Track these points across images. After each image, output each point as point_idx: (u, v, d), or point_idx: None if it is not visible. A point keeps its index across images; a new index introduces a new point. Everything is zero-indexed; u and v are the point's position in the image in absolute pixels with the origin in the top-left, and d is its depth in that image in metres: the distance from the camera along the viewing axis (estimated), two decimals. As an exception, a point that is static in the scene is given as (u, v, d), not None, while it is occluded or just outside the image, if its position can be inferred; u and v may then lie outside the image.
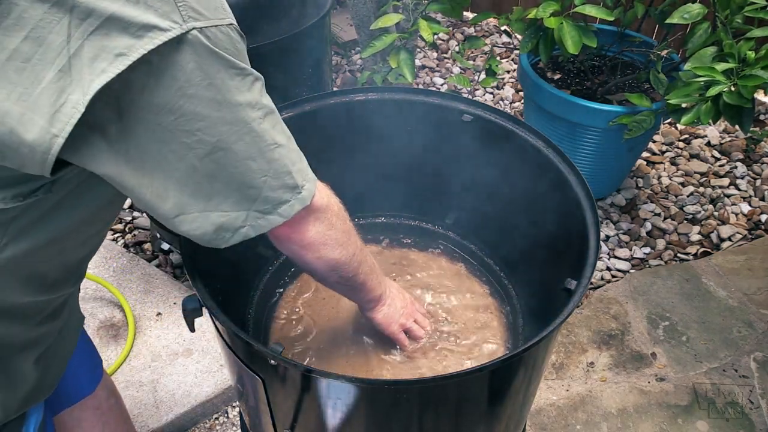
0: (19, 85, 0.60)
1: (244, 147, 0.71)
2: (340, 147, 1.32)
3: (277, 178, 0.76)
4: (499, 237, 1.35)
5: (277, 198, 0.77)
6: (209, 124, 0.67)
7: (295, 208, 0.80)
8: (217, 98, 0.67)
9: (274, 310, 1.31)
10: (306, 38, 1.68)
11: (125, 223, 2.33)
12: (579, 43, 1.88)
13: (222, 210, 0.75)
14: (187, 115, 0.65)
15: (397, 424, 0.99)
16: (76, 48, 0.59)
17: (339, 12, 3.30)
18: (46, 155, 0.61)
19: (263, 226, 0.78)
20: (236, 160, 0.71)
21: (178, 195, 0.71)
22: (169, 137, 0.66)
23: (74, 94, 0.60)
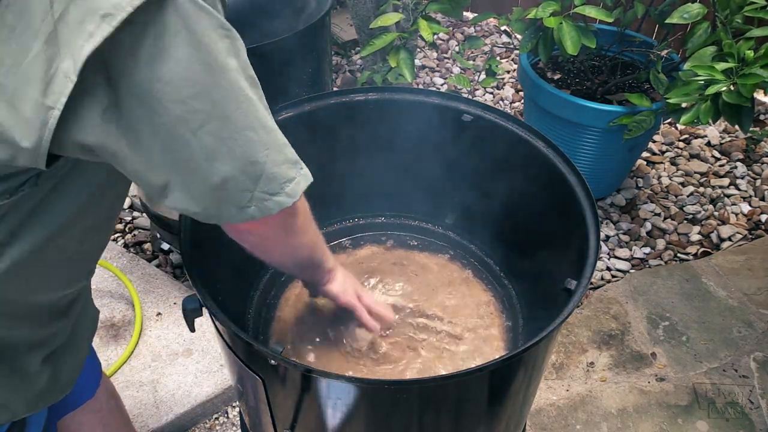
0: (7, 56, 0.57)
1: (241, 116, 0.66)
2: (340, 147, 1.32)
3: (279, 152, 0.71)
4: (499, 237, 1.35)
5: (282, 175, 0.72)
6: (201, 90, 0.62)
7: (301, 185, 0.74)
8: (208, 61, 0.62)
9: (274, 310, 1.31)
10: (306, 38, 1.68)
11: (125, 223, 2.34)
12: (578, 43, 1.88)
13: (224, 189, 0.69)
14: (176, 81, 0.61)
15: (397, 424, 0.99)
16: (60, 11, 0.56)
17: (339, 12, 3.30)
18: (43, 130, 0.59)
19: (269, 208, 0.73)
20: (235, 131, 0.66)
21: (173, 172, 0.67)
22: (161, 109, 0.62)
23: (64, 62, 0.57)
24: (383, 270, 1.37)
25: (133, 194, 2.38)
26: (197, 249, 1.01)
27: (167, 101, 0.61)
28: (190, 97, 0.62)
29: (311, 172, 0.81)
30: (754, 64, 1.68)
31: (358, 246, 1.44)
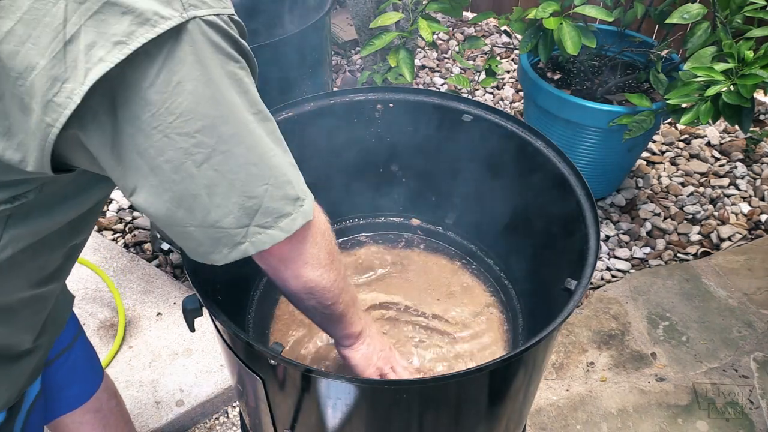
0: (13, 70, 0.57)
1: (244, 151, 0.66)
2: (340, 147, 1.32)
3: (279, 188, 0.70)
4: (499, 237, 1.35)
5: (278, 210, 0.71)
6: (208, 124, 0.63)
7: (298, 222, 0.73)
8: (216, 96, 0.62)
9: (274, 310, 1.31)
10: (306, 38, 1.68)
11: (125, 223, 2.34)
12: (578, 43, 1.88)
13: (220, 226, 0.69)
14: (185, 114, 0.61)
15: (397, 424, 0.99)
16: (72, 33, 0.56)
17: (339, 12, 3.30)
18: (44, 144, 0.59)
19: (264, 242, 0.72)
20: (237, 166, 0.66)
21: (174, 208, 0.67)
22: (166, 143, 0.62)
23: (69, 83, 0.57)
24: (383, 270, 1.37)
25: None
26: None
27: (176, 134, 0.62)
28: (198, 131, 0.62)
29: (311, 173, 0.81)
30: (754, 64, 1.68)
31: (358, 246, 1.44)
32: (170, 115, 0.61)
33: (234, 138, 0.65)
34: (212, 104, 0.62)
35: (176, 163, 0.63)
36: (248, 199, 0.68)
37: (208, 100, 0.62)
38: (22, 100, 0.58)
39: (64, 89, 0.57)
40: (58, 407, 1.13)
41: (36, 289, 0.83)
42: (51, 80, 0.57)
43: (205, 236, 0.70)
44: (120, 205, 2.40)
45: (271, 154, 0.69)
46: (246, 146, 0.66)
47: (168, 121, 0.61)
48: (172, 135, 0.61)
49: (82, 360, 1.16)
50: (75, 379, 1.15)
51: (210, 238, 0.70)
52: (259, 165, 0.68)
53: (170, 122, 0.61)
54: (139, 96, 0.59)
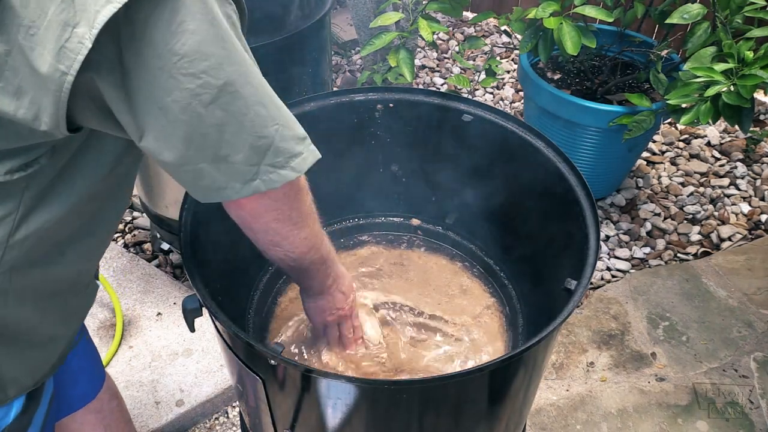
0: (26, 17, 0.57)
1: (252, 91, 0.67)
2: (340, 147, 1.32)
3: (289, 128, 0.72)
4: (499, 237, 1.35)
5: (289, 150, 0.72)
6: (214, 63, 0.63)
7: (308, 161, 0.75)
8: (220, 34, 0.63)
9: (274, 310, 1.31)
10: (306, 38, 1.68)
11: (125, 223, 2.34)
12: (578, 43, 1.88)
13: (231, 161, 0.70)
14: (190, 54, 0.61)
15: (397, 424, 0.99)
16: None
17: (339, 12, 3.30)
18: (59, 94, 0.59)
19: (275, 181, 0.73)
20: (245, 106, 0.67)
21: (183, 147, 0.67)
22: (172, 84, 0.62)
23: (79, 27, 0.57)
24: (383, 270, 1.37)
25: (133, 194, 2.38)
26: (197, 249, 1.01)
27: (181, 75, 0.62)
28: (204, 71, 0.62)
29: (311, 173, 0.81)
30: (754, 64, 1.68)
31: (358, 246, 1.44)
32: (174, 56, 0.61)
33: (241, 78, 0.66)
34: (217, 44, 0.63)
35: (183, 103, 0.63)
36: (258, 139, 0.69)
37: (213, 40, 0.62)
38: (33, 51, 0.58)
39: (75, 34, 0.57)
40: (63, 408, 1.13)
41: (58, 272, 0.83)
42: (62, 25, 0.57)
43: (217, 171, 0.71)
44: (120, 205, 2.40)
45: (274, 94, 0.71)
46: (253, 86, 0.67)
47: (172, 61, 0.61)
48: (177, 75, 0.62)
49: (85, 360, 1.15)
50: (79, 380, 1.15)
51: (222, 172, 0.71)
52: (268, 106, 0.69)
53: (174, 62, 0.61)
54: (145, 37, 0.60)
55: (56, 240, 0.78)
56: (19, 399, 0.88)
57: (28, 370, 0.87)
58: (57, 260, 0.81)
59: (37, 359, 0.88)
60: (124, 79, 0.62)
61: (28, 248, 0.74)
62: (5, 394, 0.84)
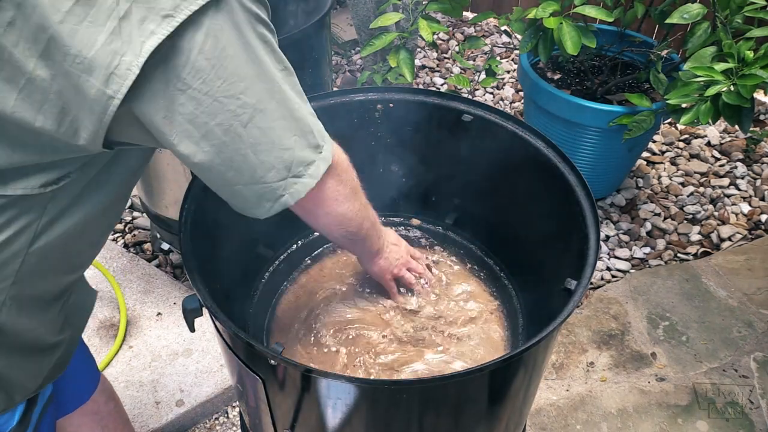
0: (73, 47, 0.61)
1: (276, 106, 0.71)
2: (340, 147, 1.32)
3: (304, 137, 0.76)
4: (499, 237, 1.35)
5: (306, 158, 0.77)
6: (249, 85, 0.68)
7: (321, 168, 0.79)
8: (252, 57, 0.68)
9: (274, 310, 1.31)
10: (306, 38, 1.68)
11: (125, 223, 2.34)
12: (578, 43, 1.88)
13: (265, 181, 0.75)
14: (231, 78, 0.66)
15: (397, 424, 0.99)
16: (125, 10, 0.61)
17: (339, 12, 3.30)
18: (103, 115, 0.63)
19: (299, 191, 0.78)
20: (272, 121, 0.71)
21: (225, 170, 0.72)
22: (217, 108, 0.67)
23: (127, 56, 0.61)
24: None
25: (134, 194, 2.38)
26: (197, 249, 1.01)
27: (224, 97, 0.67)
28: (242, 92, 0.67)
29: None
30: (754, 64, 1.68)
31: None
32: (218, 80, 0.66)
33: (267, 95, 0.70)
34: (250, 65, 0.68)
35: (226, 125, 0.68)
36: (284, 152, 0.74)
37: (247, 62, 0.67)
38: (80, 78, 0.62)
39: (123, 62, 0.62)
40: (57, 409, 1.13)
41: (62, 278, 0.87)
42: (111, 54, 0.61)
43: (252, 193, 0.76)
44: (120, 205, 2.40)
45: (296, 106, 0.75)
46: (277, 101, 0.72)
47: (217, 85, 0.66)
48: (221, 98, 0.67)
49: (78, 362, 1.15)
50: (72, 380, 1.14)
51: (255, 194, 0.76)
52: (288, 118, 0.73)
53: (218, 86, 0.66)
54: (189, 64, 0.64)
55: (69, 248, 0.81)
56: (22, 403, 0.89)
57: (32, 376, 0.88)
58: (65, 267, 0.85)
59: (41, 365, 0.89)
60: (169, 104, 0.66)
61: (44, 256, 0.77)
62: (12, 400, 0.87)
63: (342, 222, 0.92)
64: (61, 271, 0.85)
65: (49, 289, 0.85)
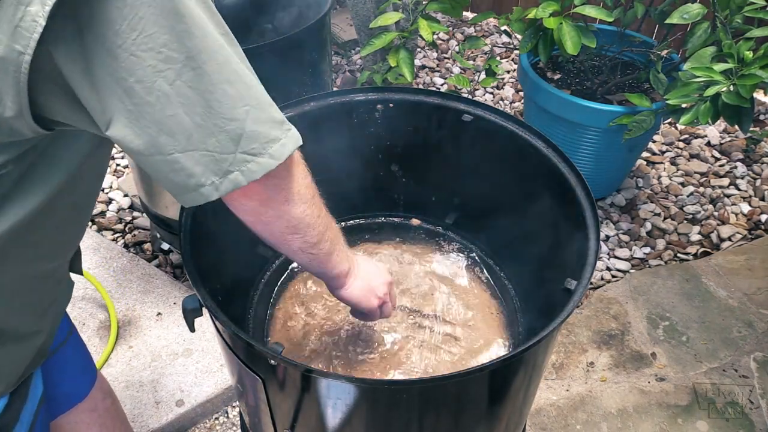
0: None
1: (216, 68, 0.63)
2: (340, 147, 1.32)
3: (262, 110, 0.67)
4: (499, 237, 1.35)
5: (264, 134, 0.67)
6: (174, 38, 0.60)
7: (288, 147, 0.69)
8: (178, 8, 0.60)
9: (274, 310, 1.31)
10: (306, 38, 1.68)
11: (125, 223, 2.34)
12: (578, 43, 1.88)
13: (205, 149, 0.65)
14: (148, 29, 0.58)
15: (396, 424, 0.99)
16: None
17: (339, 12, 3.30)
18: (18, 76, 0.58)
19: (254, 171, 0.67)
20: (211, 84, 0.63)
21: (155, 134, 0.64)
22: (134, 62, 0.59)
23: (32, 6, 0.56)
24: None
25: (134, 194, 2.38)
26: (197, 249, 1.01)
27: (141, 51, 0.59)
28: (164, 45, 0.60)
29: (312, 172, 0.80)
30: (754, 64, 1.68)
31: (358, 246, 1.44)
32: (133, 31, 0.59)
33: (203, 54, 0.62)
34: (175, 17, 0.60)
35: (148, 83, 0.61)
36: (229, 122, 0.65)
37: (170, 13, 0.60)
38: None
39: (28, 13, 0.56)
40: (53, 406, 1.12)
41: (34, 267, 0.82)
42: (15, 5, 0.56)
43: (192, 161, 0.66)
44: (120, 205, 2.40)
45: (247, 74, 0.66)
46: (217, 63, 0.63)
47: (132, 37, 0.59)
48: (137, 53, 0.59)
49: (74, 358, 1.15)
50: (68, 376, 1.14)
51: (197, 163, 0.66)
52: (235, 84, 0.65)
53: (134, 39, 0.59)
54: (100, 13, 0.58)
55: (27, 239, 0.77)
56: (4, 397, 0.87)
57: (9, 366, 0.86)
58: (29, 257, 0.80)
59: (17, 354, 0.87)
60: (86, 61, 0.60)
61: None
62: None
63: (299, 228, 0.80)
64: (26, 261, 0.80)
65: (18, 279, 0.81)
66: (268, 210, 0.76)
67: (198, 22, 0.62)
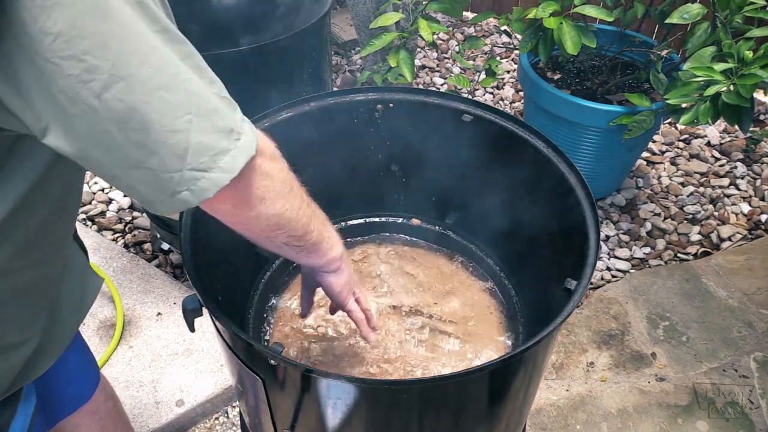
0: None
1: (150, 73, 0.56)
2: (340, 147, 1.32)
3: (205, 117, 0.59)
4: (499, 237, 1.35)
5: (212, 145, 0.60)
6: (98, 42, 0.53)
7: (239, 160, 0.62)
8: (101, 6, 0.53)
9: (275, 311, 1.31)
10: (306, 38, 1.68)
11: (125, 223, 2.34)
12: (578, 43, 1.88)
13: (148, 168, 0.58)
14: (66, 32, 0.51)
15: (396, 424, 0.99)
16: None
17: (339, 12, 3.30)
18: None
19: (206, 188, 0.61)
20: (145, 93, 0.56)
21: (89, 148, 0.57)
22: (53, 70, 0.53)
23: None
24: (383, 270, 1.37)
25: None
26: (197, 249, 1.01)
27: (59, 58, 0.52)
28: (86, 52, 0.53)
29: (311, 173, 0.79)
30: (754, 64, 1.68)
31: (357, 246, 1.44)
32: (46, 36, 0.52)
33: (134, 58, 0.55)
34: (97, 17, 0.53)
35: (70, 93, 0.54)
36: (171, 134, 0.57)
37: (90, 14, 0.52)
38: None
39: None
40: (56, 411, 1.12)
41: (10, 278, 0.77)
42: None
43: (135, 180, 0.60)
44: (120, 205, 2.40)
45: (188, 78, 0.59)
46: (151, 67, 0.56)
47: (46, 43, 0.52)
48: (55, 60, 0.53)
49: (77, 363, 1.13)
50: (74, 378, 1.13)
51: (141, 182, 0.60)
52: (172, 89, 0.57)
53: (49, 44, 0.52)
54: (13, 17, 0.51)
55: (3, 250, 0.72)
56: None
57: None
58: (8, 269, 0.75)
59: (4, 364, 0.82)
60: (8, 67, 0.54)
61: None
62: None
63: (281, 225, 0.76)
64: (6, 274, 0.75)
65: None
66: (244, 212, 0.71)
67: (125, 21, 0.54)
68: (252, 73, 1.58)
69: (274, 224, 0.75)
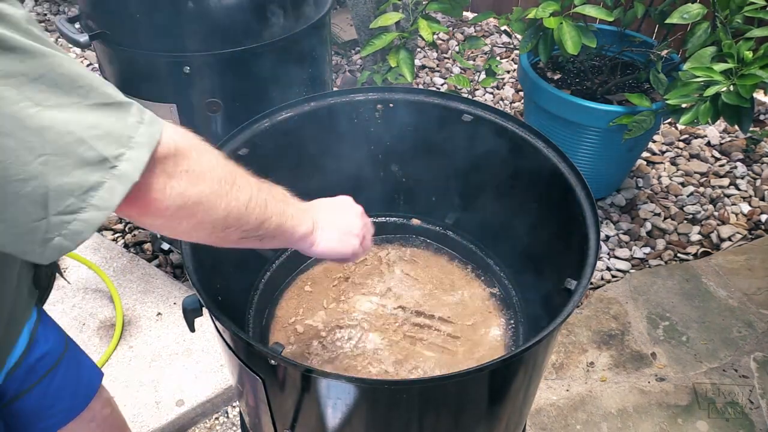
0: None
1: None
2: (340, 147, 1.32)
3: (65, 155, 0.52)
4: (499, 237, 1.35)
5: (78, 185, 0.53)
6: None
7: (118, 191, 0.55)
8: None
9: (274, 310, 1.31)
10: (306, 38, 1.68)
11: (125, 223, 2.34)
12: (578, 43, 1.88)
13: (5, 220, 0.52)
14: None
15: (396, 424, 0.99)
16: None
17: (339, 12, 3.30)
18: None
19: (80, 231, 0.54)
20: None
21: None
22: None
23: None
24: (383, 270, 1.37)
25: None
26: (197, 249, 1.01)
27: None
28: None
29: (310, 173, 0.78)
30: (753, 64, 1.68)
31: (358, 246, 1.44)
32: None
33: None
34: None
35: None
36: (23, 184, 0.50)
37: None
38: None
39: None
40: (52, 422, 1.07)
41: None
42: None
43: (1, 236, 0.53)
44: (120, 205, 2.40)
45: (35, 110, 0.50)
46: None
47: None
48: None
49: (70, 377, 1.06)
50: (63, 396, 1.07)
51: (8, 235, 0.53)
52: (16, 133, 0.49)
53: None
54: None
55: None
56: None
57: None
58: None
59: None
60: None
61: None
62: None
63: (229, 224, 0.69)
64: None
65: None
66: (180, 224, 0.64)
67: None
68: (252, 73, 1.58)
69: (222, 226, 0.69)
